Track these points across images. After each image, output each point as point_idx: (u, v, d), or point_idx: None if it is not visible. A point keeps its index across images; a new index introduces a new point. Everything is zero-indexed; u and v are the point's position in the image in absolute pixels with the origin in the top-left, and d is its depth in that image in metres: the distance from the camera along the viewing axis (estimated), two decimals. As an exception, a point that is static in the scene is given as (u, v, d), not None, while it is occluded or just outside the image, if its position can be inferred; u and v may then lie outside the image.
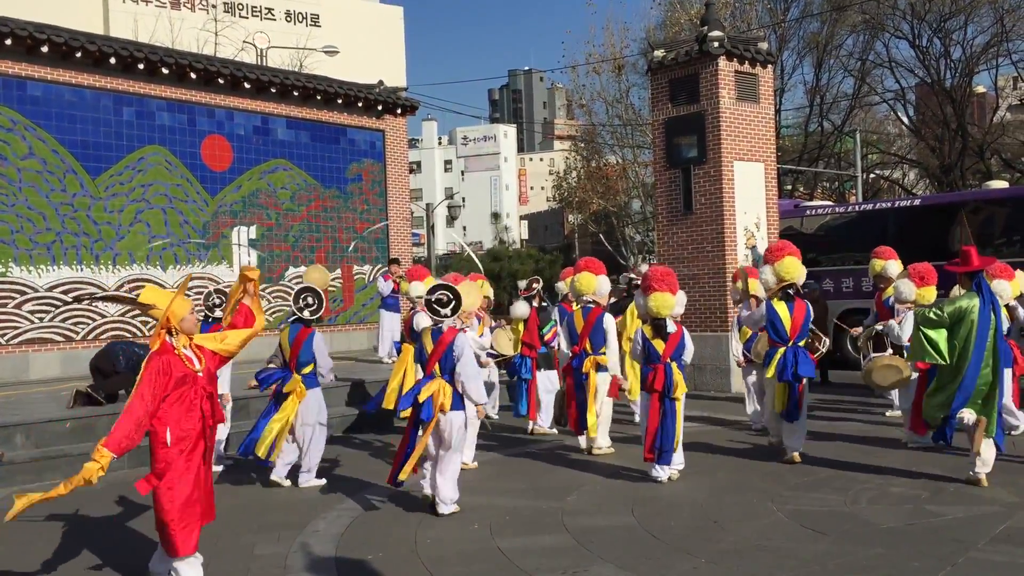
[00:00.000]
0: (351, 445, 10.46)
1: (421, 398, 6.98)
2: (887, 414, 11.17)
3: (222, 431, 9.32)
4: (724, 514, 6.88)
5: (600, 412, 9.31)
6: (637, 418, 11.05)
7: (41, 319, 14.16)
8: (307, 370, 8.36)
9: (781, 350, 8.46)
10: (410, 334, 9.61)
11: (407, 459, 7.06)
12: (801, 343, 8.51)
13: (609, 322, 9.32)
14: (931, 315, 7.52)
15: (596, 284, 9.38)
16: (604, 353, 9.26)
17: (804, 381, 8.53)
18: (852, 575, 5.38)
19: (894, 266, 10.90)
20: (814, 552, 5.85)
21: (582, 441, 9.56)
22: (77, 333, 14.44)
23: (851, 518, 6.63)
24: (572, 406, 9.44)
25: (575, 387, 9.39)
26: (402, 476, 7.11)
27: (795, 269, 8.42)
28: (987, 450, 7.46)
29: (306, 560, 6.05)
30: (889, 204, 17.66)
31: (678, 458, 8.14)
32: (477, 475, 8.57)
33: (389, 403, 9.49)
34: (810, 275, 15.46)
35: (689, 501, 7.34)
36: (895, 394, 11.07)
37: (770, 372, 8.48)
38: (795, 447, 8.58)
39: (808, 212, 18.28)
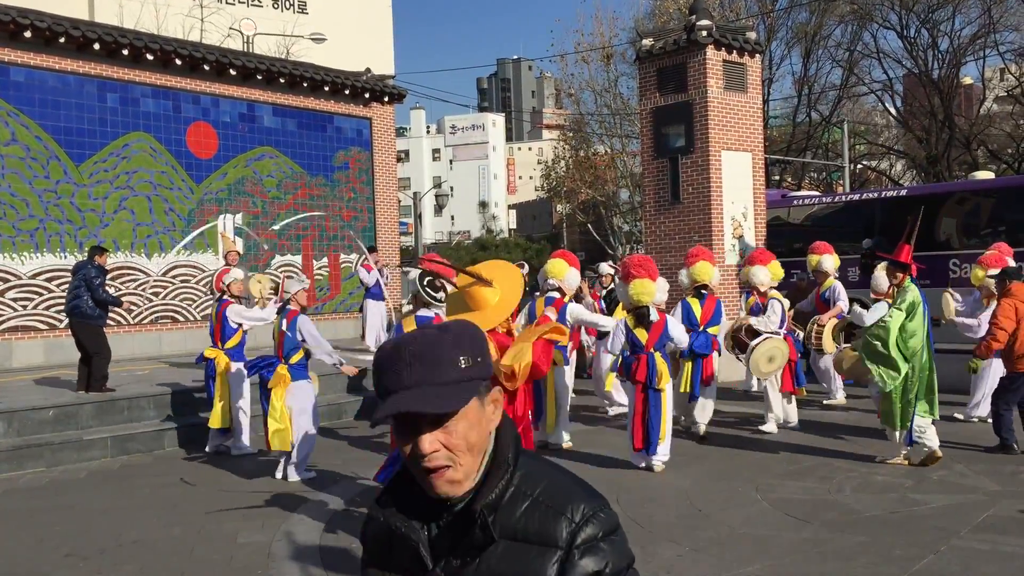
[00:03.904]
0: (336, 434, 10.43)
1: None
2: (825, 402, 11.32)
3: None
4: (709, 502, 6.89)
5: (560, 407, 9.15)
6: (612, 410, 11.07)
7: (24, 307, 14.05)
8: (295, 359, 8.09)
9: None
10: None
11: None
12: (712, 329, 9.48)
13: (574, 309, 9.26)
14: (875, 339, 7.67)
15: (567, 272, 9.34)
16: (563, 346, 9.09)
17: (712, 361, 9.40)
18: (836, 563, 5.40)
19: (829, 260, 11.24)
20: (798, 540, 5.87)
21: (535, 435, 9.13)
22: (61, 321, 14.30)
23: (835, 506, 6.66)
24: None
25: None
26: None
27: (707, 273, 9.63)
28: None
29: (290, 548, 6.03)
30: (876, 194, 17.70)
31: (663, 450, 8.12)
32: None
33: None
34: (797, 265, 15.57)
35: (674, 490, 7.34)
36: (834, 382, 11.35)
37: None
38: (702, 421, 9.43)
39: (795, 202, 18.30)
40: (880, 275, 9.48)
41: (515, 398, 5.66)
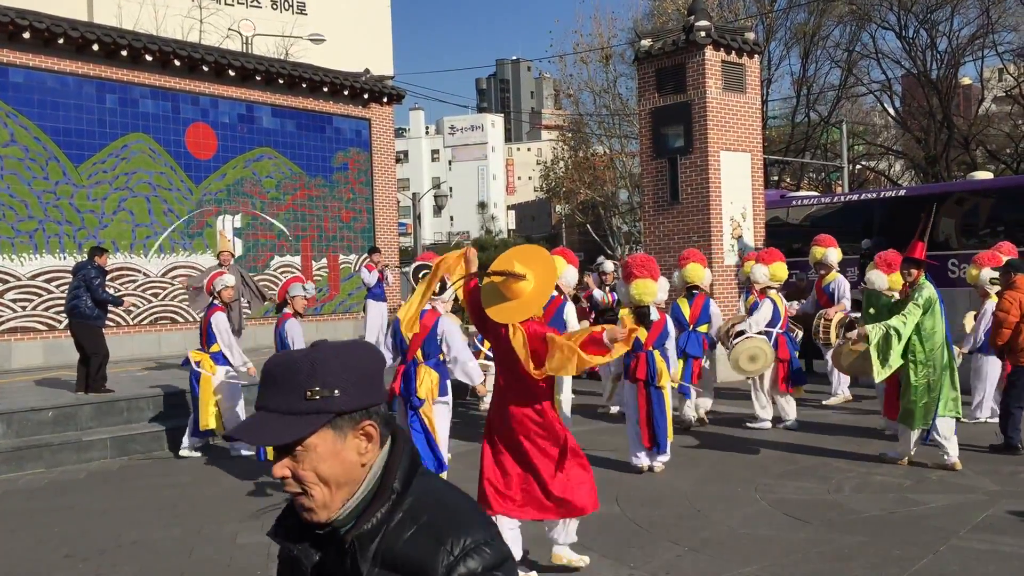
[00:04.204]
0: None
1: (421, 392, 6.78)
2: (824, 403, 11.33)
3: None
4: (708, 503, 6.89)
5: (560, 405, 9.14)
6: (613, 409, 11.09)
7: (24, 307, 14.05)
8: None
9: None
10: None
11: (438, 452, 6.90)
12: (702, 328, 9.87)
13: (570, 311, 9.25)
14: (892, 329, 7.53)
15: (563, 269, 9.31)
16: None
17: (701, 360, 9.87)
18: (835, 563, 5.40)
19: (834, 253, 11.21)
20: (797, 540, 5.87)
21: None
22: (60, 322, 14.31)
23: (834, 506, 6.66)
24: None
25: None
26: None
27: (698, 274, 10.02)
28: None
29: (289, 549, 6.02)
30: (874, 195, 17.72)
31: (667, 449, 8.14)
32: (460, 464, 8.55)
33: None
34: (796, 265, 15.60)
35: (673, 490, 7.34)
36: (838, 380, 11.34)
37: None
38: (689, 415, 10.09)
39: (794, 202, 18.32)
40: (874, 274, 9.44)
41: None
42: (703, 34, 14.01)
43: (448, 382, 7.06)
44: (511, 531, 5.23)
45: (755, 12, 32.81)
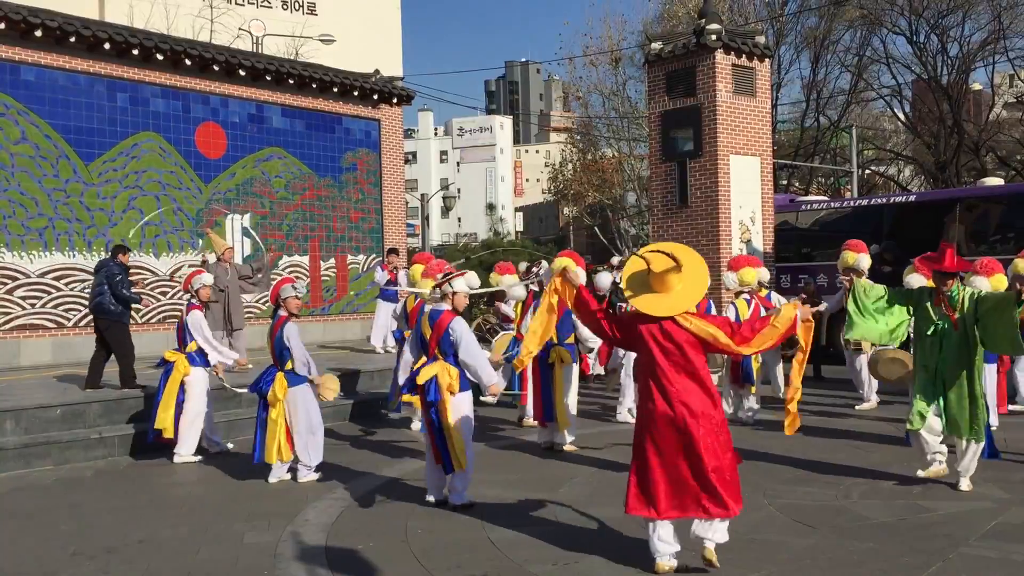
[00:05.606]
0: (342, 435, 10.44)
1: (420, 379, 6.82)
2: (856, 408, 11.29)
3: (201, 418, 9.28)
4: (716, 507, 6.86)
5: (566, 407, 9.10)
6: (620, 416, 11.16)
7: (33, 305, 14.09)
8: (289, 366, 7.99)
9: None
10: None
11: (447, 453, 6.93)
12: None
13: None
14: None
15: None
16: (571, 344, 9.17)
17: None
18: (843, 569, 5.38)
19: (865, 259, 11.18)
20: (805, 546, 5.85)
21: (542, 434, 9.32)
22: (69, 319, 14.37)
23: (842, 512, 6.63)
24: (537, 398, 9.30)
25: (540, 379, 9.20)
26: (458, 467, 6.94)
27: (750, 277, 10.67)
28: None
29: (296, 549, 6.03)
30: (884, 200, 17.66)
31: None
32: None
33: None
34: (805, 270, 15.58)
35: (681, 494, 7.31)
36: (870, 386, 11.34)
37: None
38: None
39: (803, 207, 18.27)
40: (914, 279, 9.31)
41: None
42: (713, 37, 13.99)
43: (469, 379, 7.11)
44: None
45: (765, 16, 32.77)
